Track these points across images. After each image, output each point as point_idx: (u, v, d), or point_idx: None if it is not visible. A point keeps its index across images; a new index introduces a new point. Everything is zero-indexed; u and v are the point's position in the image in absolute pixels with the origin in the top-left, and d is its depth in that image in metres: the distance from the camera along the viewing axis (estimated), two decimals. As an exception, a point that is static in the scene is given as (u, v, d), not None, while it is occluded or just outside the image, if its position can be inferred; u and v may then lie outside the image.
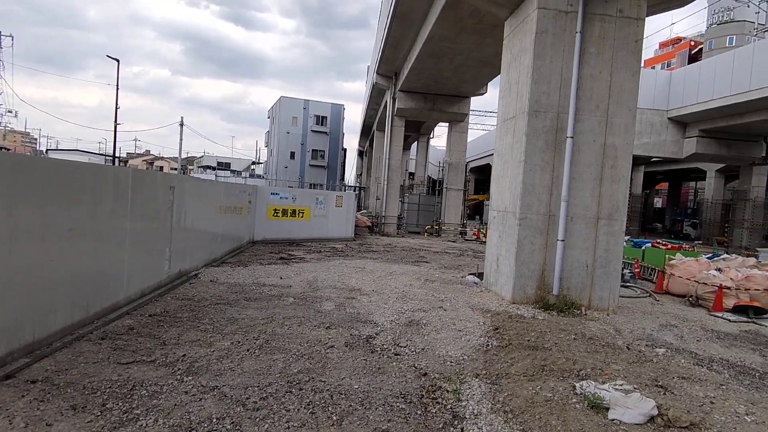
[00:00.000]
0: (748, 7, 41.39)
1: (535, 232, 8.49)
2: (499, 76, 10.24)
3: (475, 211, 49.57)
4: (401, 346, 5.76)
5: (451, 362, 5.36)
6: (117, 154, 38.04)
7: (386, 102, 24.94)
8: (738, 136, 24.90)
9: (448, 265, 13.23)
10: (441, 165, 26.80)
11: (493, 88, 32.06)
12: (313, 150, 51.87)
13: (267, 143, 60.56)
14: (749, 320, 8.73)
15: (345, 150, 57.00)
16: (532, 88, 8.37)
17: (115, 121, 33.05)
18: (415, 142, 39.38)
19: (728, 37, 45.13)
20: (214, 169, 52.35)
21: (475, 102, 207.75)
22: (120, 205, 6.13)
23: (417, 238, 22.30)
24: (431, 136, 37.28)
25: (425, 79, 20.71)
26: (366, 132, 47.40)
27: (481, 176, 54.11)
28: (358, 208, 32.73)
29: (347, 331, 6.25)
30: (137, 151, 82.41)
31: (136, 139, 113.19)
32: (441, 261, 14.19)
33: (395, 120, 24.20)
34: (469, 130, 25.87)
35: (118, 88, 32.18)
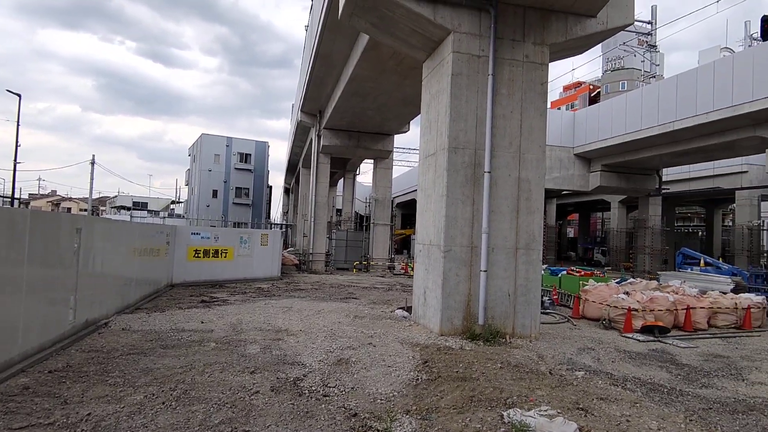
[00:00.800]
0: (635, 56, 46.53)
1: (459, 264, 8.71)
2: (420, 114, 10.64)
3: (403, 245, 50.30)
4: (330, 387, 5.59)
5: (381, 400, 5.27)
6: (17, 195, 34.85)
7: (311, 139, 25.04)
8: (635, 170, 27.42)
9: (377, 301, 13.19)
10: (368, 201, 27.07)
11: (415, 126, 33.30)
12: (236, 188, 50.55)
13: (187, 182, 58.28)
14: (655, 339, 9.41)
15: (270, 187, 56.15)
16: (450, 126, 8.76)
17: (15, 159, 30.46)
18: (342, 179, 39.62)
19: (621, 82, 50.28)
20: (129, 209, 49.39)
21: (399, 139, 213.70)
22: (15, 251, 5.56)
23: (346, 275, 22.14)
24: (357, 172, 37.75)
25: (349, 117, 21.09)
26: (292, 169, 47.10)
27: (407, 211, 55.28)
28: (285, 246, 32.08)
29: (273, 374, 5.98)
30: (41, 192, 76.01)
31: (40, 179, 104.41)
32: (370, 296, 14.14)
33: (321, 157, 24.28)
34: (393, 167, 26.51)
35: (18, 124, 29.82)
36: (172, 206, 64.19)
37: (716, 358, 8.20)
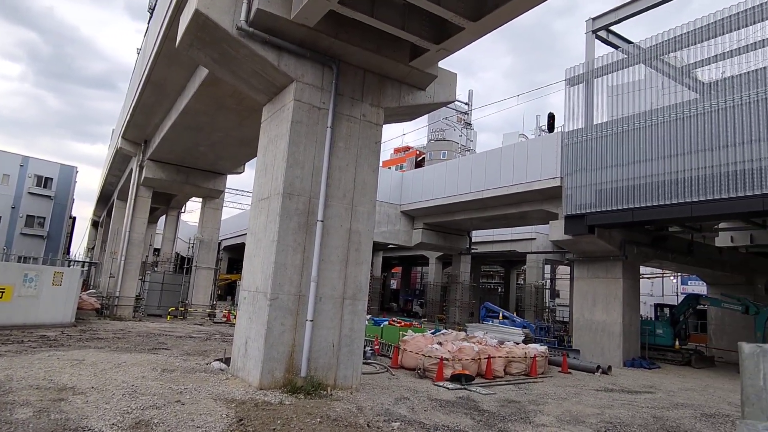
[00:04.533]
0: (455, 130, 52.99)
1: (285, 313, 8.45)
2: (256, 157, 10.40)
3: (228, 291, 47.54)
4: (122, 456, 4.78)
5: (184, 467, 4.66)
6: None
7: (132, 170, 22.65)
8: (451, 230, 30.52)
9: (191, 352, 12.02)
10: (192, 241, 25.14)
11: (250, 169, 32.49)
12: (28, 216, 42.73)
13: (-41, 203, 47.49)
14: (462, 387, 10.20)
15: (74, 218, 48.72)
16: (287, 171, 8.71)
17: None
18: (164, 216, 36.34)
19: (442, 151, 56.48)
20: None
21: (233, 180, 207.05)
22: None
23: (158, 322, 19.88)
24: (183, 210, 35.06)
25: (180, 150, 19.71)
26: (104, 200, 41.79)
27: (235, 255, 52.71)
28: (86, 287, 27.81)
29: (47, 445, 4.91)
30: None
31: None
32: (184, 347, 12.83)
33: (141, 190, 22.03)
34: (224, 208, 25.27)
35: None
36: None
37: (510, 403, 9.18)
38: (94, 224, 53.91)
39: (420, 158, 62.02)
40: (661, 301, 35.83)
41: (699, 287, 32.28)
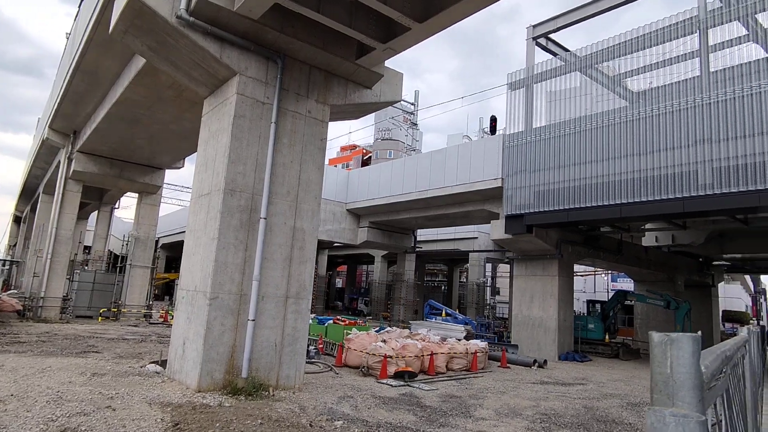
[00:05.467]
0: (401, 130, 53.50)
1: (226, 313, 8.21)
2: (197, 152, 10.04)
3: (166, 291, 45.65)
4: (45, 467, 4.47)
5: (114, 476, 4.43)
6: None
7: (60, 162, 21.23)
8: (396, 229, 30.77)
9: (124, 354, 11.44)
10: (126, 239, 23.89)
11: (191, 164, 31.29)
12: (-61, 210, 39.17)
13: None
14: (405, 384, 10.32)
15: (-7, 214, 45.08)
16: (228, 167, 8.46)
17: None
18: (96, 212, 34.34)
19: (388, 151, 56.82)
20: None
21: (171, 175, 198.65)
22: None
23: (89, 323, 18.77)
24: (117, 206, 33.24)
25: (114, 143, 18.69)
26: (29, 194, 38.93)
27: (174, 253, 50.68)
28: (6, 288, 25.83)
29: (-43, 459, 4.52)
30: None
31: None
32: (116, 350, 12.19)
33: (70, 184, 20.71)
34: (162, 204, 24.21)
35: None
36: None
37: (452, 398, 9.38)
38: (17, 220, 50.09)
39: (366, 157, 62.13)
40: (593, 297, 37.84)
41: (627, 284, 34.38)
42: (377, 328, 16.14)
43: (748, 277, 50.97)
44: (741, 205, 12.66)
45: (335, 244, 37.05)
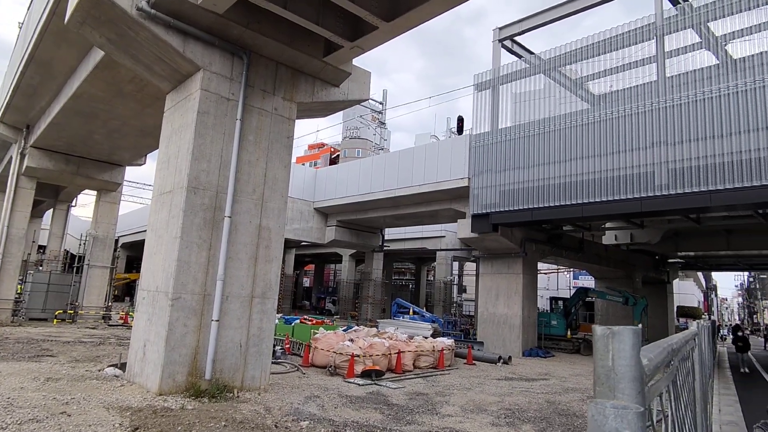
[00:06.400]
0: (369, 129, 53.48)
1: (189, 313, 8.03)
2: (159, 148, 9.76)
3: (126, 291, 44.32)
4: (-7, 477, 4.28)
5: (69, 483, 4.27)
6: None
7: (12, 157, 20.30)
8: (364, 228, 30.76)
9: (81, 358, 11.04)
10: (84, 238, 23.03)
11: (153, 161, 30.43)
12: None
13: None
14: (373, 382, 10.33)
15: (-62, 211, 42.68)
16: (192, 164, 8.27)
17: None
18: (51, 209, 32.96)
19: (357, 149, 56.76)
20: None
21: (133, 172, 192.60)
22: None
23: (43, 326, 18.02)
24: (74, 203, 32.00)
25: (70, 138, 17.97)
26: (-23, 191, 36.98)
27: (135, 253, 49.19)
28: (-48, 290, 24.39)
29: None
30: None
31: None
32: (73, 353, 11.75)
33: (23, 180, 19.82)
34: (122, 202, 23.47)
35: None
36: None
37: (418, 395, 9.45)
38: (-35, 218, 47.64)
39: (335, 155, 61.88)
40: (555, 294, 38.81)
41: (588, 281, 35.41)
42: (345, 328, 16.10)
43: (700, 274, 53.39)
44: (694, 205, 13.23)
45: (303, 243, 36.73)
